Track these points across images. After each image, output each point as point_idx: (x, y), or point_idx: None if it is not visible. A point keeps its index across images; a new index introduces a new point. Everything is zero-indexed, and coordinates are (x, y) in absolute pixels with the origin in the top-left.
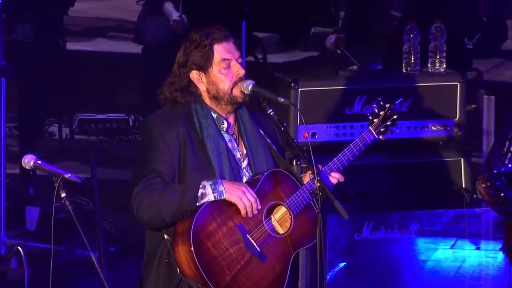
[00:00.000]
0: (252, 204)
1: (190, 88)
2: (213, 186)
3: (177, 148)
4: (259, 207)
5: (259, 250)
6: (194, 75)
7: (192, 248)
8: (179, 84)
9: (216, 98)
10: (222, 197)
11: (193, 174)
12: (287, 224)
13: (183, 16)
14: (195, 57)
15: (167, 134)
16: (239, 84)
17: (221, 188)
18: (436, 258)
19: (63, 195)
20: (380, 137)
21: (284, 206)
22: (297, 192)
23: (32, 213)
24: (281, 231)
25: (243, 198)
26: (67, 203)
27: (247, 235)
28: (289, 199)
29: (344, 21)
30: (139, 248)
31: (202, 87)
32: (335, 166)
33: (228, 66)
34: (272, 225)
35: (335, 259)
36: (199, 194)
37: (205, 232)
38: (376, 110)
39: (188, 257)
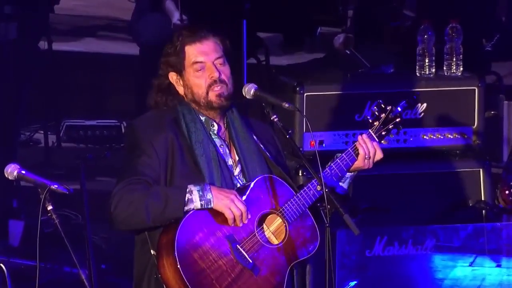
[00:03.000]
0: (241, 214)
1: (170, 90)
2: (200, 193)
3: (164, 154)
4: (249, 217)
5: (251, 262)
6: (173, 77)
7: (177, 260)
8: (159, 86)
9: (194, 102)
10: (210, 206)
11: (181, 182)
12: (282, 234)
13: (184, 17)
14: (169, 59)
15: (154, 138)
16: (215, 89)
17: (209, 195)
18: (454, 277)
19: (49, 207)
20: (382, 141)
21: (278, 214)
22: (292, 199)
23: (16, 227)
24: (275, 241)
25: (231, 207)
26: (54, 216)
27: (237, 245)
28: (283, 207)
29: (353, 20)
30: (132, 265)
31: (180, 90)
32: (333, 172)
33: (202, 69)
34: (265, 235)
35: (345, 278)
36: (186, 199)
37: (191, 243)
38: (376, 112)
39: (174, 271)
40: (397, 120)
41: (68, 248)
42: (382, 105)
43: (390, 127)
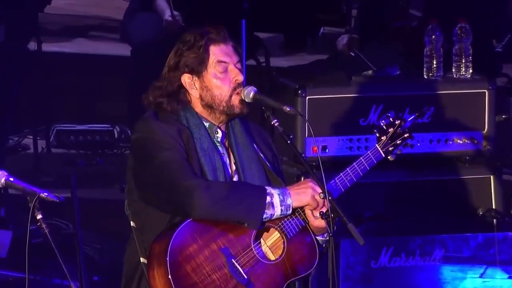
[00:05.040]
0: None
1: (179, 94)
2: (281, 197)
3: (183, 145)
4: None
5: (246, 277)
6: (186, 79)
7: (168, 271)
8: (167, 89)
9: (210, 106)
10: (287, 213)
11: None
12: (279, 249)
13: (176, 14)
14: (188, 59)
15: (172, 133)
16: (238, 91)
17: (289, 201)
18: None
19: (39, 216)
20: (389, 157)
21: (276, 229)
22: (292, 214)
23: (4, 237)
24: (272, 256)
25: (316, 197)
26: (43, 226)
27: (233, 260)
28: (282, 221)
29: (358, 20)
30: None
31: (194, 93)
32: (336, 187)
33: (225, 71)
34: (262, 250)
35: None
36: (266, 202)
37: (184, 254)
38: (384, 126)
39: (164, 282)
40: (406, 135)
41: (59, 259)
42: (391, 119)
43: (398, 142)
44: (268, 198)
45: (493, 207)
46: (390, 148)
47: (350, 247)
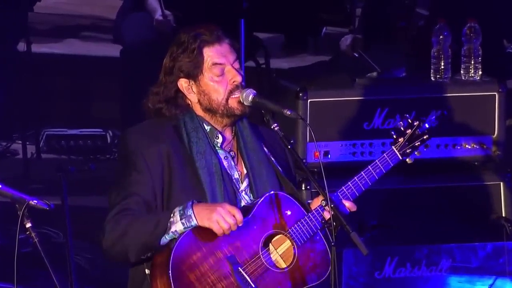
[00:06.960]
0: (230, 227)
1: (177, 99)
2: (181, 212)
3: (159, 167)
4: (240, 224)
5: (253, 286)
6: (182, 83)
7: (171, 281)
8: (164, 95)
9: (209, 110)
10: (192, 224)
11: (181, 197)
12: (289, 258)
13: (167, 13)
14: (182, 63)
15: (146, 150)
16: (236, 94)
17: (189, 212)
18: None
19: (28, 225)
20: (407, 159)
21: (286, 236)
22: (302, 220)
23: None
24: (282, 265)
25: (220, 222)
26: (33, 234)
27: (239, 268)
28: (292, 228)
29: (362, 20)
30: (120, 287)
31: (192, 97)
32: (349, 191)
33: (222, 73)
34: (270, 257)
35: None
36: (168, 223)
37: (188, 263)
38: (402, 127)
39: None
40: (425, 137)
41: (48, 269)
42: (409, 120)
43: (417, 144)
44: (171, 219)
45: (503, 215)
46: (408, 150)
47: (353, 257)
